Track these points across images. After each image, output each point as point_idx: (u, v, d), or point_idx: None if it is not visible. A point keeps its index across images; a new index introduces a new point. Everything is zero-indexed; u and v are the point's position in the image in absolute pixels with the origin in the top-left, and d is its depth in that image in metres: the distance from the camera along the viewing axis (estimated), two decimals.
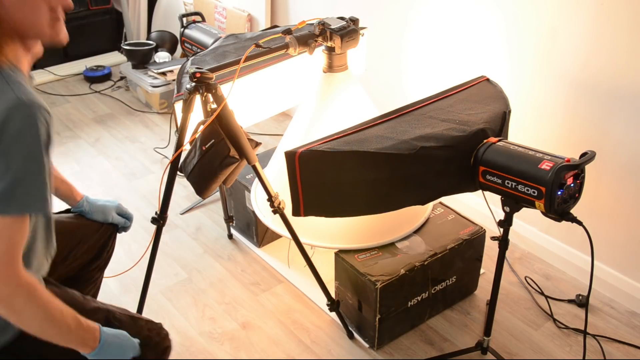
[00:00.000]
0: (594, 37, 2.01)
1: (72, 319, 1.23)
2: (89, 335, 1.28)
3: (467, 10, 2.38)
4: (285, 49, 1.79)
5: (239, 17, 3.45)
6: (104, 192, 2.87)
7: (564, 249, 2.36)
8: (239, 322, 2.15)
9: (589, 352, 2.02)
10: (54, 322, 1.20)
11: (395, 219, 2.09)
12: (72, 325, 1.23)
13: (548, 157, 1.53)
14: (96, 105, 3.73)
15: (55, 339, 1.23)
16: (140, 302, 1.85)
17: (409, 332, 2.10)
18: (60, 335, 1.23)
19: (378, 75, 2.88)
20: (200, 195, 1.79)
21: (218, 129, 1.70)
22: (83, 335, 1.27)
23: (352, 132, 1.74)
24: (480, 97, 1.90)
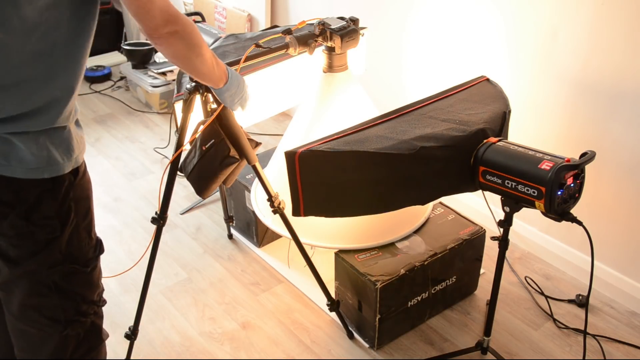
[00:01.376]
0: (594, 37, 2.01)
1: (214, 59, 1.44)
2: (223, 71, 1.52)
3: (467, 11, 2.38)
4: (285, 49, 1.79)
5: (239, 17, 3.45)
6: (104, 192, 2.87)
7: (564, 249, 2.35)
8: (239, 322, 2.15)
9: (589, 352, 2.02)
10: (206, 60, 1.39)
11: (395, 219, 2.09)
12: (214, 63, 1.45)
13: (548, 157, 1.53)
14: (96, 105, 3.73)
15: (204, 76, 1.45)
16: (140, 302, 1.85)
17: (409, 332, 2.10)
18: (209, 72, 1.44)
19: (378, 75, 2.88)
20: (200, 195, 1.79)
21: (218, 129, 1.70)
22: (221, 72, 1.50)
23: (352, 132, 1.74)
24: (480, 97, 1.90)
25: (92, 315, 1.43)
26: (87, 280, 1.38)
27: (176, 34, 1.24)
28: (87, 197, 1.33)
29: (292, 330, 2.12)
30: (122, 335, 2.04)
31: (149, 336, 2.09)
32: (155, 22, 1.20)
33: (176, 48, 1.28)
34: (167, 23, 1.22)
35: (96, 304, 1.44)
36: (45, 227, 1.24)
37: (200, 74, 1.43)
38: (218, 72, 1.48)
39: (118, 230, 2.62)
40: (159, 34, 1.22)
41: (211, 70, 1.44)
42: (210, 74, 1.45)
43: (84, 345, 1.44)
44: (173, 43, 1.26)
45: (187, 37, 1.28)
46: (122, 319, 2.17)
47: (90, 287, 1.40)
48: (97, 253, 1.39)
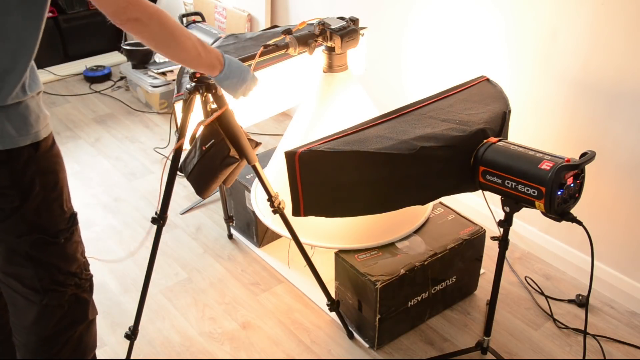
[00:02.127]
0: (594, 37, 2.01)
1: (199, 44, 1.41)
2: (216, 58, 1.48)
3: (467, 10, 2.38)
4: (285, 49, 1.79)
5: (239, 17, 3.45)
6: (103, 192, 2.87)
7: (564, 249, 2.36)
8: (239, 322, 2.15)
9: (589, 352, 2.02)
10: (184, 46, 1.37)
11: (395, 219, 2.09)
12: (201, 50, 1.42)
13: (548, 157, 1.53)
14: (96, 105, 3.73)
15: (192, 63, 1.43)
16: (140, 302, 1.85)
17: (409, 332, 2.10)
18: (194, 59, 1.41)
19: (378, 75, 2.88)
20: (200, 195, 1.79)
21: (218, 129, 1.70)
22: (212, 59, 1.46)
23: (352, 132, 1.74)
24: (480, 97, 1.90)
25: (72, 286, 1.47)
26: (60, 252, 1.42)
27: (138, 21, 1.26)
28: (54, 170, 1.37)
29: (292, 330, 2.12)
30: (122, 335, 2.04)
31: (149, 336, 2.10)
32: (112, 8, 1.21)
33: (143, 35, 1.29)
34: (125, 9, 1.23)
35: (77, 276, 1.48)
36: (2, 197, 1.29)
37: (182, 60, 1.43)
38: (207, 59, 1.46)
39: (118, 230, 2.62)
40: (120, 20, 1.24)
41: (195, 57, 1.42)
42: (195, 60, 1.43)
43: (68, 317, 1.49)
44: (139, 30, 1.28)
45: (152, 25, 1.29)
46: (122, 319, 2.17)
47: (65, 259, 1.44)
48: (69, 225, 1.42)
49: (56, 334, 1.49)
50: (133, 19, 1.25)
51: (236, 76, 1.55)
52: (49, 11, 1.28)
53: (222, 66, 1.51)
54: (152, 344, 2.07)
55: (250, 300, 2.25)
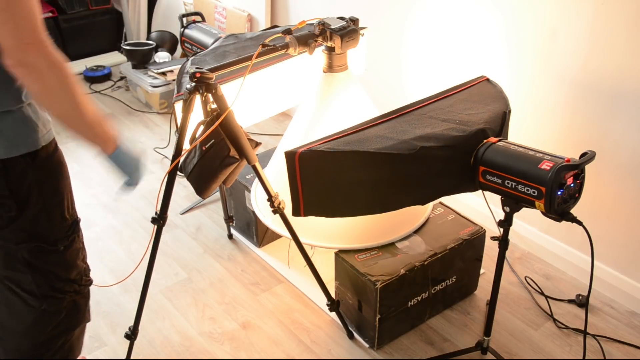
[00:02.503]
0: (594, 37, 2.01)
1: (98, 114, 1.25)
2: (112, 134, 1.31)
3: (467, 11, 2.38)
4: (285, 49, 1.79)
5: (239, 17, 3.45)
6: (104, 192, 2.87)
7: (564, 249, 2.36)
8: (239, 322, 2.15)
9: (589, 352, 2.02)
10: (82, 110, 1.20)
11: (395, 219, 2.09)
12: (98, 118, 1.25)
13: (548, 157, 1.53)
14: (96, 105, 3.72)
15: (83, 131, 1.24)
16: (140, 302, 1.85)
17: (409, 332, 2.10)
18: (87, 127, 1.24)
19: (378, 75, 2.88)
20: (200, 195, 1.79)
21: (218, 129, 1.70)
22: (107, 132, 1.30)
23: (352, 132, 1.74)
24: (480, 97, 1.90)
25: (71, 293, 1.46)
26: (59, 259, 1.40)
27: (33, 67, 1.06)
28: (55, 178, 1.34)
29: (292, 330, 2.12)
30: (122, 335, 2.04)
31: (149, 336, 2.10)
32: (14, 41, 1.03)
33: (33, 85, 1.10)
34: (28, 47, 1.04)
35: (76, 283, 1.46)
36: (1, 206, 1.27)
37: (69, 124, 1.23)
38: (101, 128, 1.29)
39: (118, 230, 2.62)
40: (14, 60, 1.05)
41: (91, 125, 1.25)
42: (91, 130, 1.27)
43: (64, 323, 1.48)
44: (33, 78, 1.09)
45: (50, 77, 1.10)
46: (122, 319, 2.17)
47: (64, 266, 1.42)
48: (69, 232, 1.40)
49: (51, 338, 1.48)
50: (30, 64, 1.06)
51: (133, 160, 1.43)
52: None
53: (115, 147, 1.35)
54: (152, 344, 2.07)
55: (250, 300, 2.25)
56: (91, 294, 2.27)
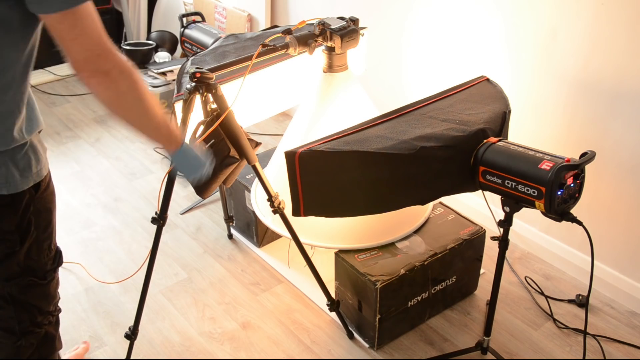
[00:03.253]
0: (594, 37, 2.01)
1: (164, 115, 1.27)
2: (176, 134, 1.34)
3: (467, 11, 2.38)
4: (285, 49, 1.79)
5: (239, 17, 3.45)
6: (104, 192, 2.87)
7: (564, 249, 2.36)
8: (239, 322, 2.15)
9: (589, 352, 2.02)
10: (150, 113, 1.22)
11: (395, 219, 2.09)
12: (164, 120, 1.27)
13: (548, 157, 1.53)
14: (96, 105, 3.72)
15: (150, 132, 1.27)
16: (140, 302, 1.85)
17: (409, 332, 2.10)
18: (155, 128, 1.26)
19: (378, 75, 2.88)
20: (200, 195, 1.78)
21: (218, 129, 1.70)
22: (171, 132, 1.32)
23: (352, 132, 1.74)
24: (480, 97, 1.90)
25: (46, 325, 1.42)
26: (43, 292, 1.37)
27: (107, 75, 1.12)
28: (49, 209, 1.31)
29: (292, 330, 2.12)
30: (122, 335, 2.04)
31: (149, 336, 2.09)
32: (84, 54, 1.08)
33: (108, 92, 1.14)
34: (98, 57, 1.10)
35: (51, 314, 1.43)
36: (4, 242, 1.23)
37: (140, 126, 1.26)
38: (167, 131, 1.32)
39: (118, 230, 2.62)
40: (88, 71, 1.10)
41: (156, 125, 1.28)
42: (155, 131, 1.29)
43: (35, 355, 1.43)
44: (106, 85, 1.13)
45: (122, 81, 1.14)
46: (122, 319, 2.17)
47: (47, 299, 1.40)
48: (55, 265, 1.38)
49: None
50: (104, 71, 1.11)
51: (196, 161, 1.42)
52: None
53: (180, 143, 1.37)
54: (152, 344, 2.07)
55: (250, 300, 2.25)
56: (91, 293, 2.28)
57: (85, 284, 2.32)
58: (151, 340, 2.08)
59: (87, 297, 2.26)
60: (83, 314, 2.19)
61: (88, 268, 2.39)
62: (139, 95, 1.19)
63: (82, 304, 2.23)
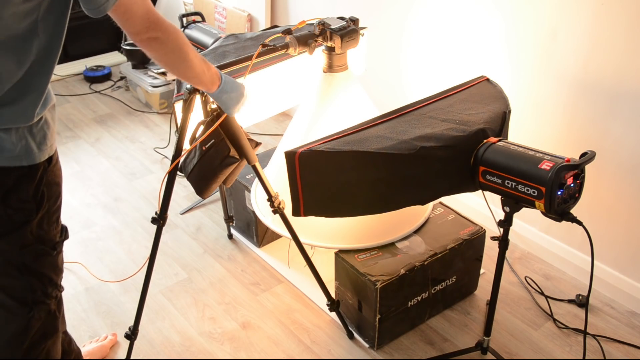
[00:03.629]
0: (594, 37, 2.01)
1: (203, 62, 1.48)
2: (216, 74, 1.55)
3: (467, 11, 2.38)
4: (285, 49, 1.79)
5: (239, 17, 3.45)
6: (104, 192, 2.88)
7: (564, 249, 2.36)
8: (239, 322, 2.15)
9: (589, 352, 2.02)
10: (192, 64, 1.43)
11: (395, 219, 2.09)
12: (205, 67, 1.49)
13: (548, 157, 1.53)
14: (96, 105, 3.72)
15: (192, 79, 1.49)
16: (140, 302, 1.85)
17: (409, 332, 2.10)
18: (196, 76, 1.48)
19: (378, 75, 2.88)
20: (200, 195, 1.79)
21: (218, 129, 1.70)
22: (212, 75, 1.53)
23: (352, 132, 1.74)
24: (480, 97, 1.90)
25: (54, 299, 1.49)
26: (52, 263, 1.45)
27: (157, 40, 1.33)
28: (57, 183, 1.40)
29: (292, 330, 2.12)
30: (122, 335, 2.04)
31: (149, 336, 2.10)
32: (137, 28, 1.29)
33: (159, 52, 1.36)
34: (148, 29, 1.30)
35: (58, 288, 1.50)
36: (22, 210, 1.32)
37: (189, 77, 1.49)
38: (209, 76, 1.52)
39: (118, 230, 2.62)
40: (141, 38, 1.31)
41: (200, 74, 1.48)
42: (199, 77, 1.49)
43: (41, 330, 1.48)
44: (156, 48, 1.35)
45: (169, 43, 1.35)
46: (122, 319, 2.17)
47: (55, 270, 1.47)
48: (62, 238, 1.46)
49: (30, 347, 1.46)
50: (153, 38, 1.32)
51: (233, 91, 1.60)
52: None
53: (220, 81, 1.56)
54: (152, 344, 2.07)
55: (250, 300, 2.25)
56: (91, 293, 2.28)
57: (86, 283, 2.32)
58: (151, 340, 2.08)
59: (87, 297, 2.26)
60: (83, 313, 2.19)
61: (88, 268, 2.39)
62: (183, 51, 1.39)
63: (82, 304, 2.23)
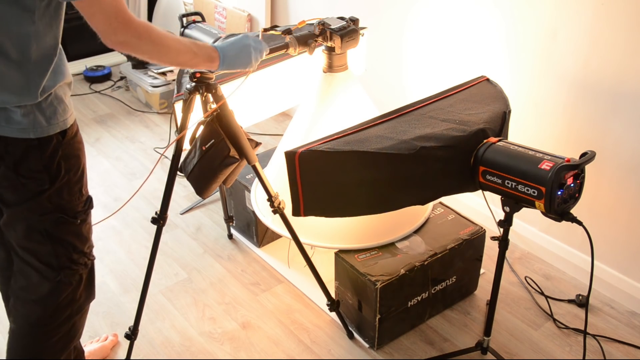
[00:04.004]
0: (594, 37, 2.01)
1: (192, 44, 1.45)
2: (211, 51, 1.50)
3: (467, 11, 2.38)
4: (285, 49, 1.79)
5: (239, 17, 3.45)
6: (104, 192, 2.87)
7: (564, 249, 2.35)
8: (239, 322, 2.15)
9: (589, 352, 2.02)
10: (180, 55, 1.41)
11: (395, 219, 2.09)
12: (194, 48, 1.45)
13: (548, 157, 1.53)
14: (96, 105, 3.73)
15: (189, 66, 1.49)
16: (140, 302, 1.85)
17: (409, 332, 2.10)
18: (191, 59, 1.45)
19: (378, 75, 2.88)
20: (200, 195, 1.79)
21: (218, 129, 1.70)
22: (206, 53, 1.49)
23: (352, 132, 1.74)
24: (480, 97, 1.90)
25: (82, 265, 1.56)
26: (76, 231, 1.52)
27: (127, 44, 1.29)
28: (77, 156, 1.46)
29: (292, 330, 2.12)
30: (122, 335, 2.04)
31: (149, 336, 2.09)
32: (103, 28, 1.26)
33: (135, 53, 1.33)
34: (116, 31, 1.26)
35: (86, 256, 1.57)
36: (34, 180, 1.39)
37: (180, 64, 1.48)
38: (202, 56, 1.48)
39: (118, 230, 2.62)
40: (111, 41, 1.28)
41: (192, 57, 1.45)
42: (192, 61, 1.47)
43: (71, 295, 1.58)
44: (129, 50, 1.32)
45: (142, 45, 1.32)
46: (122, 319, 2.17)
47: (80, 238, 1.54)
48: (85, 207, 1.53)
49: (59, 308, 1.56)
50: (121, 42, 1.28)
51: (239, 51, 1.55)
52: None
53: (217, 55, 1.51)
54: (152, 344, 2.07)
55: (250, 300, 2.25)
56: None
57: None
58: (151, 340, 2.08)
59: None
60: None
61: None
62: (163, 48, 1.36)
63: None
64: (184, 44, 1.43)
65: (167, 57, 1.40)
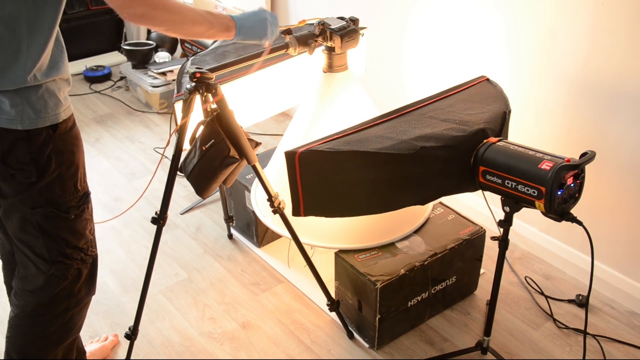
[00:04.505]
0: (594, 37, 2.01)
1: (208, 14, 1.45)
2: (227, 20, 1.51)
3: (467, 11, 2.38)
4: (285, 49, 1.79)
5: None
6: (104, 192, 2.87)
7: (564, 249, 2.36)
8: (239, 322, 2.15)
9: (589, 352, 2.02)
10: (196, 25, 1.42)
11: (395, 219, 2.09)
12: (210, 18, 1.46)
13: (548, 157, 1.53)
14: (96, 105, 3.73)
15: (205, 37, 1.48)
16: (140, 302, 1.85)
17: (409, 332, 2.10)
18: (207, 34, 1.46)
19: (378, 75, 2.88)
20: (200, 195, 1.79)
21: (218, 129, 1.70)
22: (222, 23, 1.49)
23: (352, 132, 1.74)
24: (480, 97, 1.90)
25: (77, 261, 1.56)
26: (70, 226, 1.52)
27: (143, 16, 1.31)
28: (71, 151, 1.45)
29: (292, 330, 2.12)
30: (122, 335, 2.04)
31: (149, 336, 2.10)
32: (118, 3, 1.27)
33: (152, 26, 1.34)
34: (131, 5, 1.28)
35: (83, 251, 1.56)
36: (21, 171, 1.39)
37: (197, 35, 1.47)
38: (219, 26, 1.49)
39: (118, 230, 2.62)
40: (127, 14, 1.29)
41: (208, 27, 1.46)
42: (209, 31, 1.47)
43: (67, 289, 1.58)
44: (145, 23, 1.33)
45: (158, 16, 1.33)
46: (122, 319, 2.17)
47: (74, 233, 1.53)
48: (80, 202, 1.52)
49: (55, 300, 1.57)
50: (139, 14, 1.30)
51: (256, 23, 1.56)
52: None
53: (234, 24, 1.52)
54: (152, 344, 2.07)
55: (250, 300, 2.25)
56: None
57: None
58: (151, 340, 2.08)
59: None
60: None
61: None
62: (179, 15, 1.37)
63: None
64: (200, 14, 1.43)
65: (184, 28, 1.40)
